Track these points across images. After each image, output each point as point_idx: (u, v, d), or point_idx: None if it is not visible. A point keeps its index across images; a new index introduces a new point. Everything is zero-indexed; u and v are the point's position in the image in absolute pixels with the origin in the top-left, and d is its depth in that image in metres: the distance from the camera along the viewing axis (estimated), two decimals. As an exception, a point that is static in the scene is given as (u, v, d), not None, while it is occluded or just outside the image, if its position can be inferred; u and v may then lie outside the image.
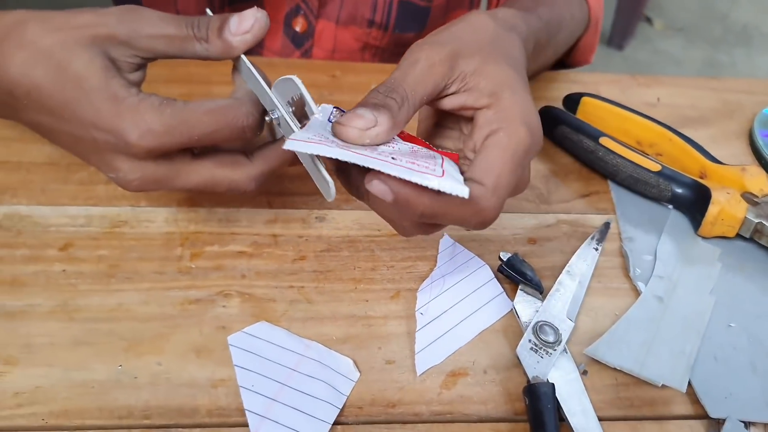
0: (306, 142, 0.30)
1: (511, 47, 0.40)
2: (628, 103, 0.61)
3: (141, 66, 0.38)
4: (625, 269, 0.46)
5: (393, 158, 0.30)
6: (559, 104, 0.60)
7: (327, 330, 0.40)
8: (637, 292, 0.45)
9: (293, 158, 0.39)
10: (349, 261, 0.45)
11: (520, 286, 0.43)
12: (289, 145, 0.30)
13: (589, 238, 0.47)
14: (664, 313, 0.43)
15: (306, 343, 0.39)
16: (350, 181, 0.35)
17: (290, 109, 0.36)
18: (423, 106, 0.36)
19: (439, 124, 0.40)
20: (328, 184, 0.34)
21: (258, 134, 0.39)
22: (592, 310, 0.43)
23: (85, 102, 0.35)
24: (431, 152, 0.34)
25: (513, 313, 0.42)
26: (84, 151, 0.38)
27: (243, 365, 0.38)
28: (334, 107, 0.36)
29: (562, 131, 0.54)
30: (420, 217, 0.33)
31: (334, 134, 0.32)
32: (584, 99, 0.58)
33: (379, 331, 0.41)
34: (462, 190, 0.29)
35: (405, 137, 0.36)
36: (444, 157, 0.34)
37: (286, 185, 0.49)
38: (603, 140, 0.52)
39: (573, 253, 0.47)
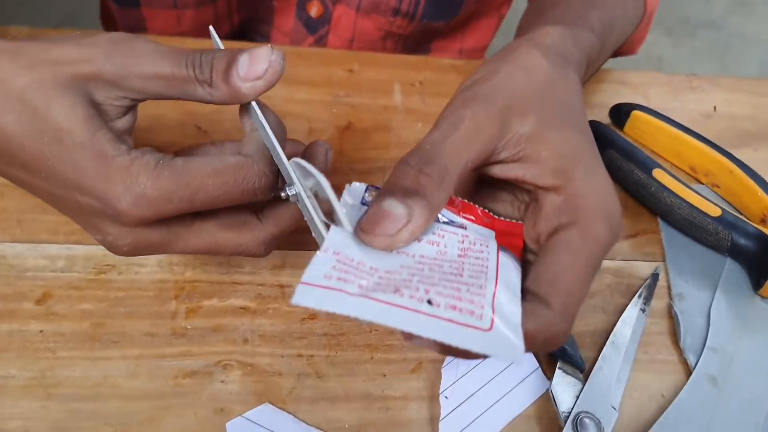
0: (323, 289, 0.24)
1: (570, 94, 0.33)
2: (681, 111, 0.54)
3: (131, 108, 0.32)
4: (674, 335, 0.41)
5: (430, 300, 0.24)
6: (603, 112, 0.53)
7: (339, 414, 0.36)
8: (688, 367, 0.40)
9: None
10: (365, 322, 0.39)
11: (558, 363, 0.38)
12: (299, 295, 0.23)
13: (636, 296, 0.42)
14: (718, 398, 0.38)
15: (316, 433, 0.35)
16: None
17: (309, 187, 0.30)
18: (465, 176, 0.30)
19: (485, 185, 0.34)
20: None
21: (271, 196, 0.33)
22: (636, 391, 0.39)
23: (66, 160, 0.29)
24: (482, 250, 0.28)
25: (548, 395, 0.37)
26: (66, 211, 0.32)
27: (244, 461, 0.33)
28: (367, 186, 0.29)
29: (611, 156, 0.48)
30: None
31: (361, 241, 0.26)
32: (635, 113, 0.50)
33: (398, 416, 0.36)
34: (513, 351, 0.23)
35: (452, 204, 0.30)
36: (500, 261, 0.27)
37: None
38: (657, 173, 0.45)
39: (616, 312, 0.41)
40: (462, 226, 0.29)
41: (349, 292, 0.23)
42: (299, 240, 0.42)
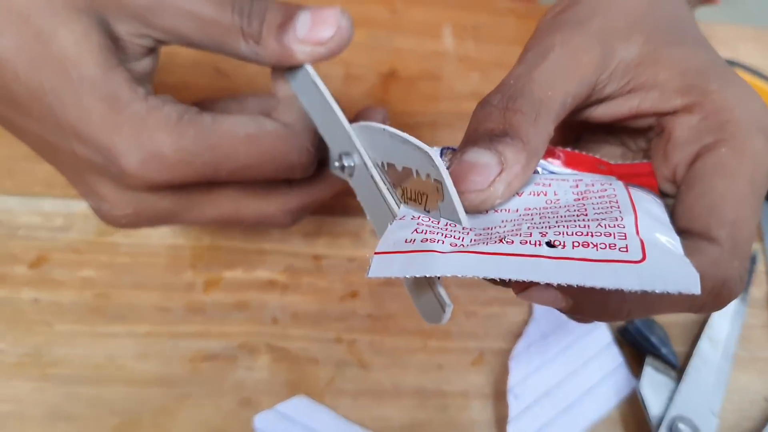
0: (406, 254, 0.18)
1: (680, 9, 0.26)
2: (771, 70, 0.47)
3: (152, 51, 0.25)
4: (777, 328, 0.35)
5: (550, 242, 0.17)
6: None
7: (387, 412, 0.30)
8: (794, 367, 0.34)
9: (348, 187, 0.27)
10: (416, 301, 0.33)
11: (647, 359, 0.32)
12: (376, 267, 0.18)
13: (732, 281, 0.36)
14: (835, 406, 0.32)
15: (360, 434, 0.29)
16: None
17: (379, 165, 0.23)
18: (565, 116, 0.23)
19: (584, 139, 0.27)
20: (442, 305, 0.19)
21: (310, 173, 0.26)
22: (736, 393, 0.33)
23: (68, 96, 0.23)
24: (605, 187, 0.21)
25: (635, 396, 0.31)
26: (57, 163, 0.26)
27: (275, 466, 0.28)
28: (441, 149, 0.23)
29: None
30: (620, 320, 0.21)
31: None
32: (727, 69, 0.43)
33: (457, 417, 0.30)
34: (685, 278, 0.16)
35: (552, 155, 0.23)
36: (632, 195, 0.20)
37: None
38: (757, 138, 0.38)
39: (708, 300, 0.35)
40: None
41: (439, 251, 0.17)
42: (337, 204, 0.36)
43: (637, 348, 0.32)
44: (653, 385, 0.31)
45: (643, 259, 0.16)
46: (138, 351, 0.30)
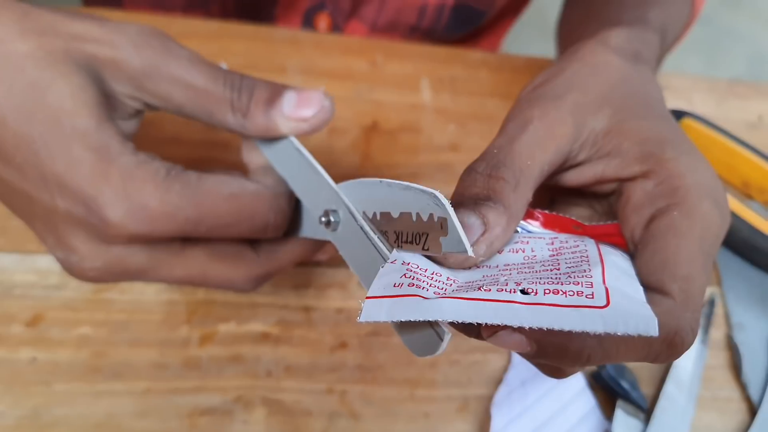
0: (393, 299, 0.19)
1: (648, 87, 0.28)
2: (725, 119, 0.51)
3: (139, 113, 0.27)
4: (735, 368, 0.38)
5: (524, 290, 0.19)
6: (645, 117, 0.49)
7: (378, 461, 0.32)
8: (751, 405, 0.36)
9: (312, 255, 0.30)
10: (403, 351, 0.35)
11: (618, 402, 0.34)
12: (367, 311, 0.19)
13: (694, 325, 0.38)
14: (788, 443, 0.35)
15: (353, 484, 0.31)
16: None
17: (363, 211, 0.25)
18: (541, 182, 0.25)
19: (557, 201, 0.30)
20: (439, 335, 0.20)
21: (279, 235, 0.28)
22: (699, 432, 0.35)
23: (57, 147, 0.23)
24: (578, 244, 0.23)
25: (608, 439, 0.34)
26: (26, 213, 0.26)
27: None
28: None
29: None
30: (580, 366, 0.22)
31: (434, 262, 0.22)
32: (685, 121, 0.47)
33: (444, 464, 0.32)
34: (645, 321, 0.17)
35: (531, 216, 0.25)
36: (601, 250, 0.22)
37: (319, 231, 0.38)
38: (713, 189, 0.42)
39: (672, 342, 0.38)
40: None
41: (424, 297, 0.19)
42: (326, 256, 0.37)
43: (609, 392, 0.35)
44: (625, 427, 0.33)
45: (607, 304, 0.18)
46: (136, 409, 0.31)
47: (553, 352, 0.19)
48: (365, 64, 0.48)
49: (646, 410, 0.34)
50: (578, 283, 0.19)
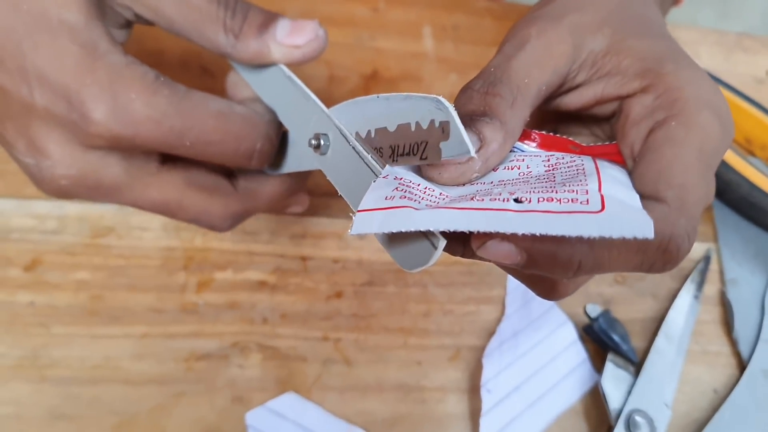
0: (385, 210, 0.19)
1: (648, 7, 0.28)
2: (732, 73, 0.50)
3: (128, 24, 0.26)
4: (727, 324, 0.38)
5: (517, 198, 0.19)
6: (651, 70, 0.48)
7: (370, 406, 0.32)
8: (741, 360, 0.37)
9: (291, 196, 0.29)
10: (397, 301, 0.35)
11: (609, 355, 0.34)
12: (358, 224, 0.19)
13: (688, 280, 0.39)
14: (774, 396, 0.35)
15: (345, 428, 0.31)
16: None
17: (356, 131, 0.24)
18: (539, 102, 0.24)
19: (558, 130, 0.29)
20: (433, 244, 0.19)
21: (263, 167, 0.28)
22: (687, 385, 0.36)
23: (42, 37, 0.22)
24: (575, 159, 0.23)
25: (598, 390, 0.34)
26: (4, 107, 0.24)
27: (267, 459, 0.30)
28: None
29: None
30: (571, 275, 0.20)
31: (427, 179, 0.21)
32: (691, 75, 0.46)
33: (434, 410, 0.33)
34: (641, 224, 0.17)
35: (528, 137, 0.25)
36: (598, 164, 0.22)
37: (317, 181, 0.38)
38: (716, 145, 0.41)
39: (666, 298, 0.38)
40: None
41: (416, 208, 0.19)
42: (320, 205, 0.37)
43: (600, 345, 0.35)
44: (614, 379, 0.34)
45: (602, 209, 0.18)
46: (134, 352, 0.32)
47: (543, 261, 0.19)
48: (367, 10, 0.47)
49: (636, 363, 0.35)
50: (573, 191, 0.19)
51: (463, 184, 0.21)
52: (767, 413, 0.35)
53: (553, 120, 0.29)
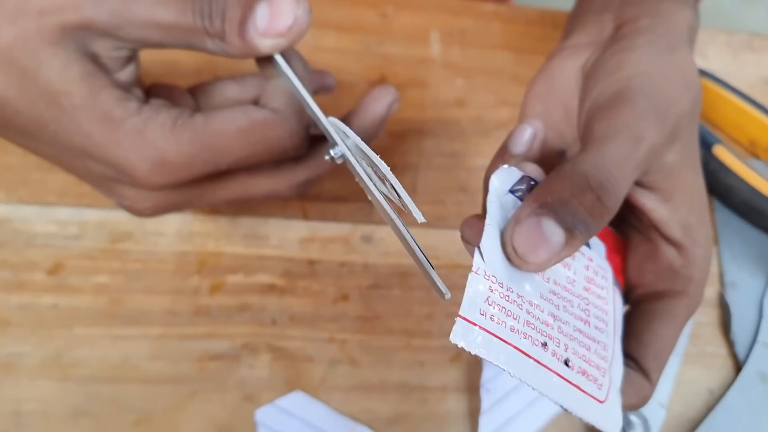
0: (482, 332, 0.20)
1: (695, 112, 0.28)
2: (740, 75, 0.50)
3: (132, 58, 0.27)
4: (724, 326, 0.39)
5: (566, 361, 0.21)
6: (657, 72, 0.49)
7: (374, 405, 0.34)
8: (737, 362, 0.38)
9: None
10: (401, 304, 0.37)
11: (605, 357, 0.35)
12: (459, 335, 0.20)
13: (687, 283, 0.39)
14: (769, 398, 0.36)
15: (350, 426, 0.33)
16: None
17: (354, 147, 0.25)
18: None
19: None
20: (442, 294, 0.22)
21: (304, 152, 0.29)
22: (683, 385, 0.37)
23: (68, 125, 0.25)
24: (604, 285, 0.25)
25: (593, 391, 0.35)
26: (78, 175, 0.29)
27: (276, 454, 0.32)
28: (522, 175, 0.24)
29: (666, 127, 0.44)
30: None
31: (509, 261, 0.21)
32: (695, 78, 0.46)
33: (436, 409, 0.34)
34: (614, 428, 0.22)
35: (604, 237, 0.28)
36: (616, 314, 0.25)
37: (325, 186, 0.40)
38: (717, 150, 0.42)
39: (665, 300, 0.39)
40: None
41: (503, 339, 0.20)
42: (327, 210, 0.39)
43: (597, 347, 0.36)
44: (610, 380, 0.35)
45: (605, 401, 0.22)
46: (150, 352, 0.34)
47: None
48: (375, 16, 0.48)
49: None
50: (598, 368, 0.22)
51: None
52: (761, 414, 0.36)
53: None
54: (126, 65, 0.27)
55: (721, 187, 0.42)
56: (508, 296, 0.21)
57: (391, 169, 0.21)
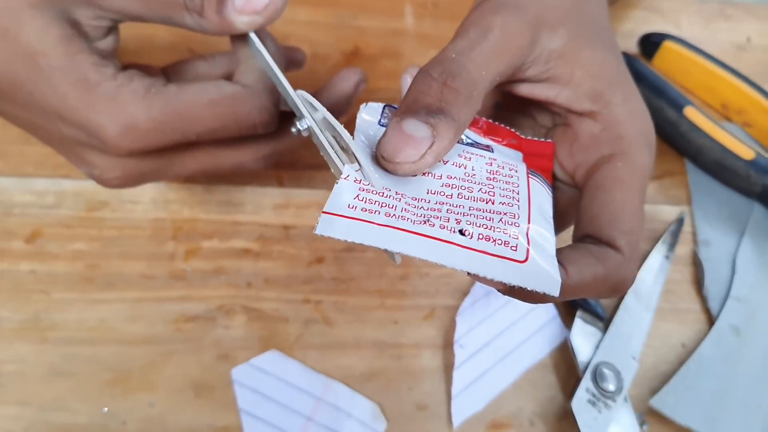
0: (348, 219, 0.21)
1: (600, 8, 0.29)
2: (712, 41, 0.51)
3: (112, 29, 0.28)
4: (698, 283, 0.39)
5: (462, 230, 0.21)
6: (631, 41, 0.49)
7: (349, 362, 0.34)
8: (710, 316, 0.38)
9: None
10: (375, 265, 0.37)
11: (578, 312, 0.36)
12: (323, 226, 0.21)
13: (660, 241, 0.40)
14: (741, 350, 0.37)
15: (325, 382, 0.33)
16: None
17: (320, 120, 0.26)
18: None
19: (501, 107, 0.31)
20: (394, 258, 0.23)
21: (273, 129, 0.30)
22: (656, 339, 0.37)
23: (44, 86, 0.26)
24: (512, 173, 0.25)
25: (567, 345, 0.36)
26: (49, 142, 0.29)
27: (250, 410, 0.32)
28: (384, 105, 0.26)
29: (641, 92, 0.44)
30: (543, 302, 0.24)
31: (384, 170, 0.23)
32: (666, 44, 0.47)
33: (410, 364, 0.35)
34: (550, 283, 0.21)
35: (475, 124, 0.27)
36: (531, 187, 0.24)
37: (300, 154, 0.40)
38: (688, 111, 0.42)
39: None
40: (488, 147, 0.27)
41: (376, 222, 0.21)
42: (302, 177, 0.39)
43: (570, 302, 0.37)
44: (582, 334, 0.35)
45: (526, 260, 0.21)
46: (127, 314, 0.34)
47: (517, 293, 0.22)
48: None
49: (604, 319, 0.36)
50: (507, 232, 0.21)
51: (415, 175, 0.23)
52: (733, 365, 0.36)
53: (498, 96, 0.30)
54: (106, 36, 0.28)
55: (693, 148, 0.42)
56: (384, 193, 0.22)
57: (354, 138, 0.22)
